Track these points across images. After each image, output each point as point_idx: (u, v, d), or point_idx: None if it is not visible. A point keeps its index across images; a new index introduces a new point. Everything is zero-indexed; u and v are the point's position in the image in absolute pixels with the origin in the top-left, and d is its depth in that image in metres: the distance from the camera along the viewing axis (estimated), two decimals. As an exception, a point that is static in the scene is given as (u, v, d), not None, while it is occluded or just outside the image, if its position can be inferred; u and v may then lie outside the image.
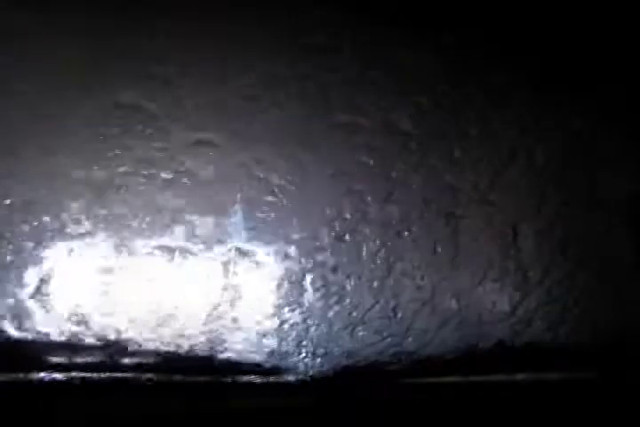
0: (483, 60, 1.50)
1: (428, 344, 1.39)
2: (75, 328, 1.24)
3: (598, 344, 1.48)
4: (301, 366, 1.34)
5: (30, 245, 1.24)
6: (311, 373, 1.34)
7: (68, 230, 1.26)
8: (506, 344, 1.43)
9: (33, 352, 1.23)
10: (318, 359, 1.34)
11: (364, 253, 1.37)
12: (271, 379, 1.33)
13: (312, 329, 1.34)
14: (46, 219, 1.25)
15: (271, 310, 1.33)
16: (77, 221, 1.26)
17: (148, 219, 1.29)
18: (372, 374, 1.37)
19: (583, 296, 1.48)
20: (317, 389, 1.35)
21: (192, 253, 1.30)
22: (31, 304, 1.23)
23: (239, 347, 1.31)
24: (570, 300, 1.47)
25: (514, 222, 1.46)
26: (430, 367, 1.40)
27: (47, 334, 1.23)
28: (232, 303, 1.31)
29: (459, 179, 1.45)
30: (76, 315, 1.24)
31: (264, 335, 1.32)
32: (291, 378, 1.34)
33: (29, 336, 1.22)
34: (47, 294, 1.23)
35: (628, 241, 1.51)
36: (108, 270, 1.27)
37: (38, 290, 1.23)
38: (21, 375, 1.23)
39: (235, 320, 1.31)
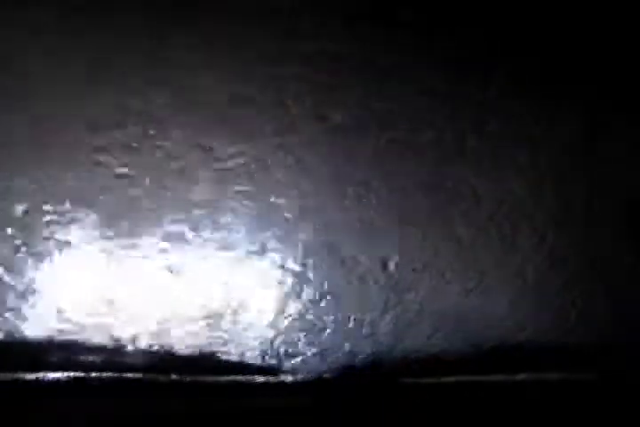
0: (483, 61, 1.49)
1: (427, 344, 1.39)
2: (74, 328, 1.24)
3: (598, 344, 1.48)
4: (301, 366, 1.34)
5: (30, 244, 1.24)
6: (311, 373, 1.34)
7: (69, 231, 1.26)
8: (506, 344, 1.43)
9: (33, 352, 1.23)
10: (318, 359, 1.34)
11: (364, 254, 1.37)
12: (271, 379, 1.33)
13: (312, 329, 1.34)
14: (47, 219, 1.25)
15: (271, 311, 1.33)
16: (77, 222, 1.26)
17: (148, 220, 1.29)
18: (372, 375, 1.37)
19: (583, 296, 1.48)
20: (317, 389, 1.35)
21: (191, 254, 1.30)
22: (31, 304, 1.23)
23: (239, 347, 1.31)
24: (570, 300, 1.47)
25: (514, 223, 1.46)
26: (430, 367, 1.40)
27: (47, 334, 1.23)
28: (232, 303, 1.31)
29: (459, 179, 1.45)
30: (77, 315, 1.24)
31: (264, 336, 1.32)
32: (291, 378, 1.34)
33: (29, 336, 1.23)
34: (47, 294, 1.23)
35: (627, 241, 1.51)
36: (109, 271, 1.27)
37: (38, 290, 1.23)
38: (21, 375, 1.23)
39: (235, 321, 1.31)
